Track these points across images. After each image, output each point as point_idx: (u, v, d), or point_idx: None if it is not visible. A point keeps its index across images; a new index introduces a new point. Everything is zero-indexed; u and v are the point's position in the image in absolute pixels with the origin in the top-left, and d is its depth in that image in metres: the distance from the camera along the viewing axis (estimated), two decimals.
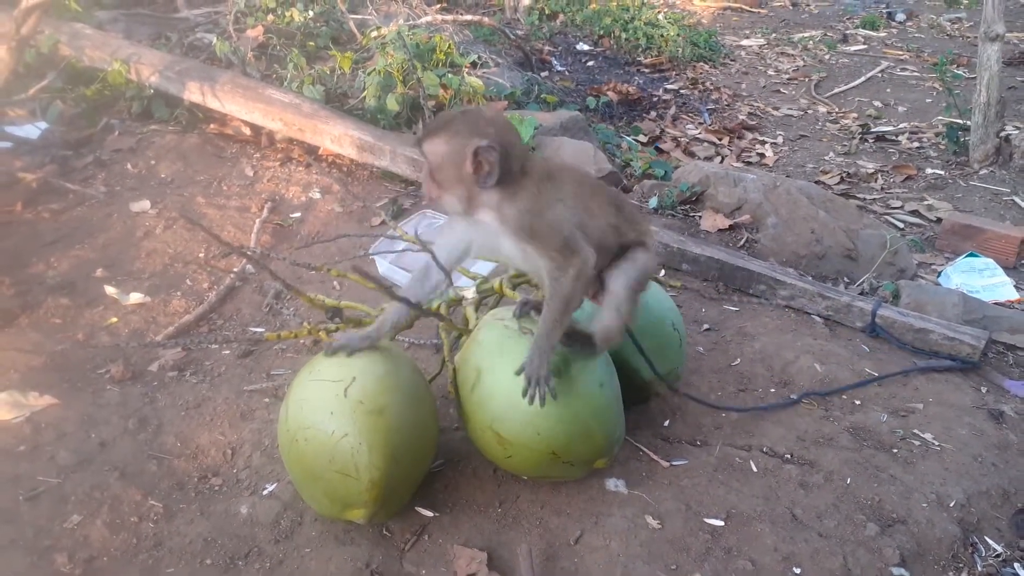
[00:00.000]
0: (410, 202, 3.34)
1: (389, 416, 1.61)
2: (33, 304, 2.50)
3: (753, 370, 2.37)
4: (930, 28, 8.05)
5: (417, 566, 1.67)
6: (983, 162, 4.38)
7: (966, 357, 2.44)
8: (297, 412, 1.65)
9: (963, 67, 6.24)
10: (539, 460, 1.74)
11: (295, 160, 3.54)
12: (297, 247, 2.93)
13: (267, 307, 2.61)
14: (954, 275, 3.11)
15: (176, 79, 3.63)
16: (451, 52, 4.17)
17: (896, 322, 2.55)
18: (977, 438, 2.10)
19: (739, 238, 3.20)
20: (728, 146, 4.73)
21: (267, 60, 4.20)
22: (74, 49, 3.85)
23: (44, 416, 2.05)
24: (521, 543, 1.68)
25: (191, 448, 1.99)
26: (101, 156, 3.42)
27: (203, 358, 2.35)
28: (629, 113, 4.99)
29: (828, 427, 2.14)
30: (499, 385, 1.71)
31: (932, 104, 5.59)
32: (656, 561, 1.67)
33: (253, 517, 1.78)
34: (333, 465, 1.59)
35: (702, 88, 5.80)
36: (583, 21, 6.58)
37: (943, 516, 1.84)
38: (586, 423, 1.71)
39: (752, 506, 1.83)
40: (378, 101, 3.71)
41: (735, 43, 7.25)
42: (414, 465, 1.70)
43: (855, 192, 4.13)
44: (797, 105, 5.65)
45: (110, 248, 2.84)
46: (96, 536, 1.72)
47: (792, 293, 2.73)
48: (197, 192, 3.22)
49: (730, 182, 3.36)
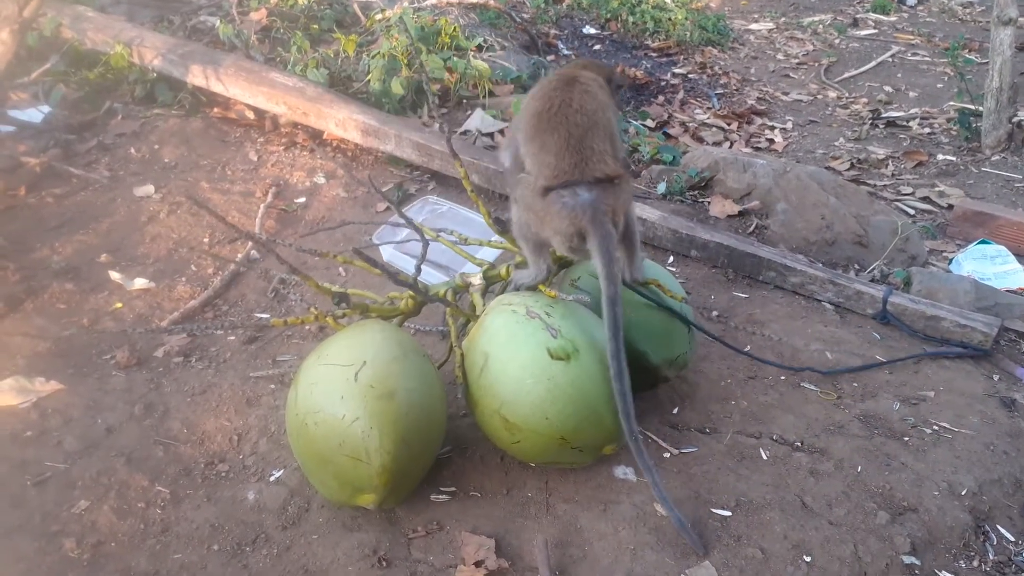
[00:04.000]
0: (415, 187, 3.31)
1: (399, 401, 1.60)
2: (38, 289, 2.49)
3: (763, 357, 2.34)
4: (941, 12, 7.93)
5: (425, 552, 1.66)
6: (995, 148, 4.32)
7: (978, 345, 2.41)
8: (307, 396, 1.64)
9: (975, 52, 6.15)
10: (547, 445, 1.72)
11: (299, 145, 3.51)
12: (302, 235, 2.91)
13: (272, 293, 2.59)
14: (966, 262, 3.07)
15: (179, 62, 3.60)
16: (456, 35, 4.12)
17: (908, 309, 2.53)
18: (989, 426, 2.08)
19: (748, 224, 3.16)
20: (737, 131, 4.67)
21: (271, 43, 4.15)
22: (76, 32, 3.82)
23: (50, 402, 2.04)
24: (536, 534, 1.67)
25: (197, 434, 1.98)
26: (104, 140, 3.40)
27: (208, 344, 2.34)
28: (636, 97, 4.93)
29: (839, 415, 2.12)
30: (507, 370, 1.70)
31: (943, 89, 5.51)
32: (665, 549, 1.66)
33: (260, 503, 1.78)
34: (343, 449, 1.58)
35: (710, 72, 5.73)
36: (589, 4, 6.50)
37: (954, 504, 1.82)
38: (595, 408, 1.70)
39: (762, 494, 1.82)
40: (382, 85, 3.67)
41: (744, 27, 7.16)
42: (424, 450, 1.69)
43: (865, 178, 4.08)
44: (807, 90, 5.58)
45: (114, 233, 2.83)
46: (104, 521, 1.72)
47: (802, 280, 2.70)
48: (201, 177, 3.19)
49: (739, 168, 3.32)
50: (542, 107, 1.82)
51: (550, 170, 1.79)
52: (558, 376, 1.67)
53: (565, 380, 1.67)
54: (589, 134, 1.80)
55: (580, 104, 1.82)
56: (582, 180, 1.77)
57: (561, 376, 1.67)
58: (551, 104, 1.81)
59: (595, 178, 1.77)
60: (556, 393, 1.66)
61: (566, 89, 1.84)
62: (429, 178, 3.36)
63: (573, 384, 1.67)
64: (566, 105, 1.81)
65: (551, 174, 1.78)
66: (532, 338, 1.70)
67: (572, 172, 1.77)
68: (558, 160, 1.78)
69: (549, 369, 1.67)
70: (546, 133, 1.80)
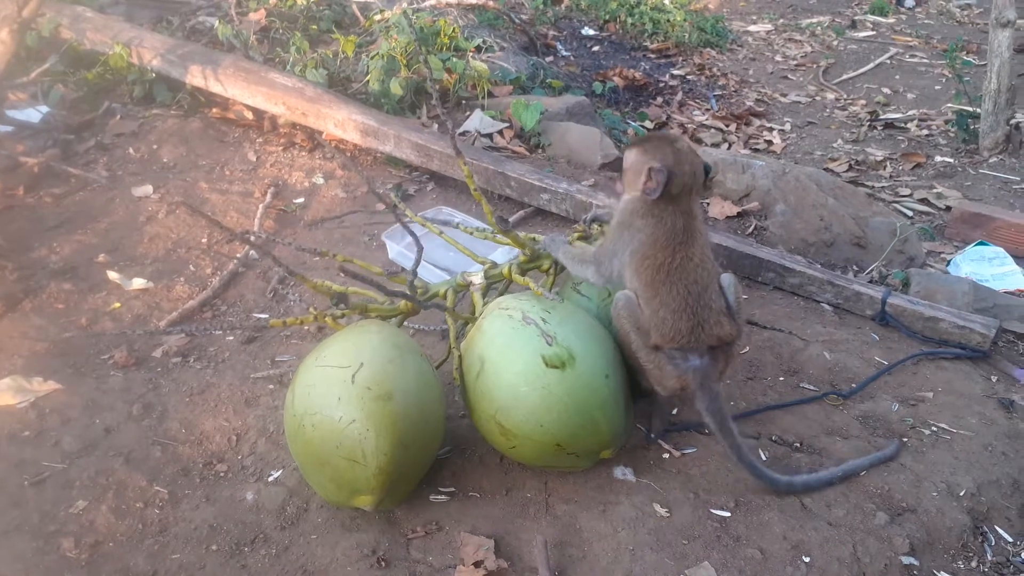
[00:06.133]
0: (414, 187, 3.31)
1: (396, 402, 1.60)
2: (36, 289, 2.48)
3: (762, 358, 2.35)
4: (939, 14, 7.95)
5: (424, 553, 1.66)
6: (993, 150, 4.33)
7: (976, 346, 2.42)
8: (304, 398, 1.63)
9: (973, 54, 6.16)
10: (543, 451, 1.72)
11: (298, 145, 3.51)
12: (308, 223, 2.89)
13: (271, 293, 2.59)
14: (964, 264, 3.08)
15: (178, 63, 3.59)
16: (455, 36, 4.12)
17: (906, 310, 2.53)
18: (987, 427, 2.08)
19: (747, 225, 3.17)
20: (735, 133, 4.68)
21: (269, 44, 4.15)
22: (75, 32, 3.81)
23: (48, 401, 2.04)
24: (535, 534, 1.67)
25: (196, 434, 1.98)
26: (103, 140, 3.39)
27: (207, 344, 2.34)
28: (635, 99, 4.94)
29: (838, 416, 2.12)
30: (502, 376, 1.69)
31: (941, 91, 5.53)
32: (664, 549, 1.66)
33: (259, 503, 1.77)
34: (340, 451, 1.58)
35: (709, 74, 5.74)
36: (588, 6, 6.51)
37: (953, 505, 1.82)
38: (591, 415, 1.69)
39: (761, 495, 1.82)
40: (382, 85, 3.67)
41: (742, 28, 7.17)
42: (421, 451, 1.69)
43: (864, 179, 4.09)
44: (805, 92, 5.59)
45: (113, 233, 2.82)
46: (102, 521, 1.72)
47: (801, 281, 2.70)
48: (200, 177, 3.19)
49: (738, 169, 3.33)
50: (664, 259, 1.75)
51: (667, 329, 1.75)
52: (552, 385, 1.65)
53: (560, 389, 1.65)
54: (707, 291, 1.76)
55: (701, 259, 1.77)
56: (695, 346, 1.75)
57: (556, 385, 1.65)
58: (673, 258, 1.75)
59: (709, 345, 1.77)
60: (551, 401, 1.65)
61: (688, 240, 1.76)
62: (428, 179, 3.36)
63: (568, 393, 1.66)
64: (688, 259, 1.75)
65: (668, 335, 1.75)
66: (527, 345, 1.69)
67: (688, 337, 1.74)
68: (675, 320, 1.74)
69: (544, 377, 1.66)
70: (664, 287, 1.75)
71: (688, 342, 1.75)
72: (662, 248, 1.76)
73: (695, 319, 1.74)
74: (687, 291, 1.74)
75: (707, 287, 1.77)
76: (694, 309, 1.74)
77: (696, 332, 1.75)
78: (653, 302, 1.76)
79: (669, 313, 1.74)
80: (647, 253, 1.77)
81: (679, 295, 1.74)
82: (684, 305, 1.74)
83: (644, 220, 1.78)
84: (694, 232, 1.78)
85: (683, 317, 1.74)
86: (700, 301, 1.75)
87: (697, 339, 1.75)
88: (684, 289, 1.74)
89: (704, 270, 1.77)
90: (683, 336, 1.75)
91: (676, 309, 1.74)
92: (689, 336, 1.75)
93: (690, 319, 1.74)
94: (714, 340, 1.77)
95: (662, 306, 1.75)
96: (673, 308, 1.74)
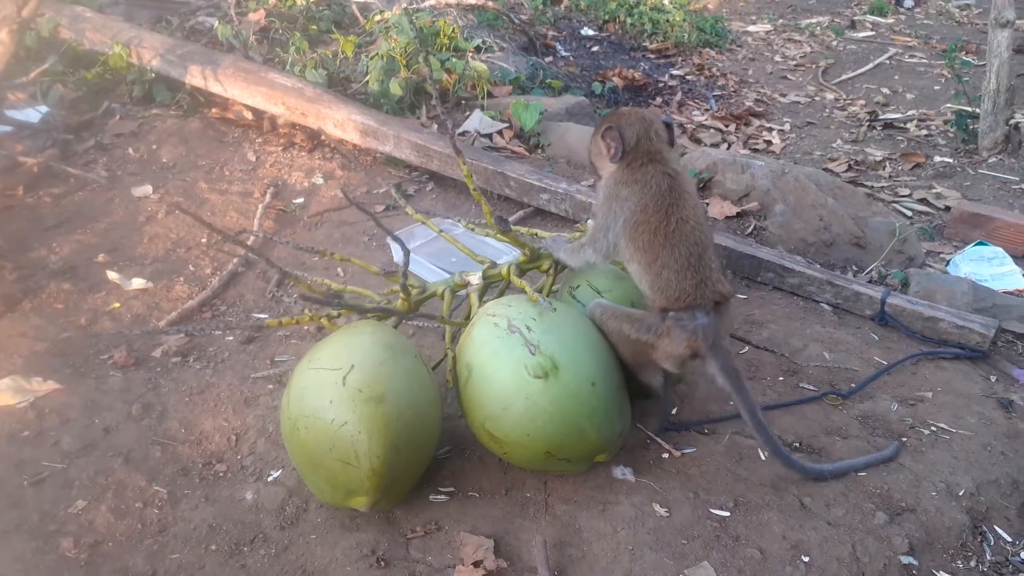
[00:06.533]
0: (414, 187, 3.31)
1: (389, 404, 1.60)
2: (35, 289, 2.48)
3: (761, 358, 2.35)
4: (938, 15, 7.96)
5: (423, 552, 1.66)
6: (992, 150, 4.33)
7: (975, 346, 2.42)
8: (298, 400, 1.64)
9: (972, 54, 6.16)
10: (534, 457, 1.73)
11: (297, 145, 3.51)
12: (310, 215, 2.88)
13: (270, 293, 2.59)
14: (963, 264, 3.08)
15: (178, 63, 3.59)
16: (455, 36, 4.12)
17: (905, 310, 2.53)
18: (986, 427, 2.08)
19: (747, 225, 3.17)
20: (735, 133, 4.68)
21: (269, 44, 4.15)
22: (74, 32, 3.81)
23: (48, 401, 2.04)
24: (535, 533, 1.67)
25: (195, 434, 1.98)
26: (102, 140, 3.39)
27: (206, 344, 2.34)
28: (635, 99, 4.94)
29: (837, 416, 2.12)
30: (488, 385, 1.69)
31: (940, 91, 5.53)
32: (664, 549, 1.66)
33: (258, 503, 1.77)
34: (334, 453, 1.58)
35: (708, 74, 5.74)
36: (588, 6, 6.51)
37: (952, 505, 1.82)
38: (578, 423, 1.68)
39: (760, 494, 1.82)
40: (381, 86, 3.68)
41: (741, 29, 7.17)
42: (416, 452, 1.69)
43: (863, 180, 4.09)
44: (804, 92, 5.59)
45: (112, 233, 2.82)
46: (101, 521, 1.72)
47: (801, 281, 2.70)
48: (199, 177, 3.19)
49: (738, 169, 3.33)
50: (658, 223, 1.77)
51: (671, 290, 1.76)
52: (536, 395, 1.64)
53: (544, 399, 1.65)
54: (707, 251, 1.79)
55: (696, 219, 1.79)
56: (701, 303, 1.77)
57: (539, 395, 1.64)
58: (668, 221, 1.77)
59: (713, 301, 1.78)
60: (535, 412, 1.64)
61: (678, 201, 1.78)
62: (427, 179, 3.36)
63: (552, 403, 1.65)
64: (683, 222, 1.77)
65: (673, 295, 1.76)
66: (511, 355, 1.68)
67: (694, 294, 1.76)
68: (679, 280, 1.76)
69: (527, 388, 1.65)
70: (664, 249, 1.76)
71: (694, 299, 1.77)
72: (653, 212, 1.78)
73: (698, 276, 1.77)
74: (688, 251, 1.77)
75: (707, 248, 1.80)
76: (696, 267, 1.77)
77: (701, 289, 1.77)
78: (655, 265, 1.78)
79: (672, 274, 1.77)
80: (639, 219, 1.79)
81: (681, 256, 1.76)
82: (687, 264, 1.76)
83: (629, 188, 1.81)
84: (682, 192, 1.81)
85: (687, 276, 1.76)
86: (701, 261, 1.78)
87: (702, 295, 1.77)
88: (686, 250, 1.76)
89: (702, 232, 1.80)
90: (688, 294, 1.76)
91: (679, 269, 1.76)
92: (695, 293, 1.77)
93: (694, 276, 1.76)
94: (717, 296, 1.80)
95: (664, 268, 1.77)
96: (675, 268, 1.76)
